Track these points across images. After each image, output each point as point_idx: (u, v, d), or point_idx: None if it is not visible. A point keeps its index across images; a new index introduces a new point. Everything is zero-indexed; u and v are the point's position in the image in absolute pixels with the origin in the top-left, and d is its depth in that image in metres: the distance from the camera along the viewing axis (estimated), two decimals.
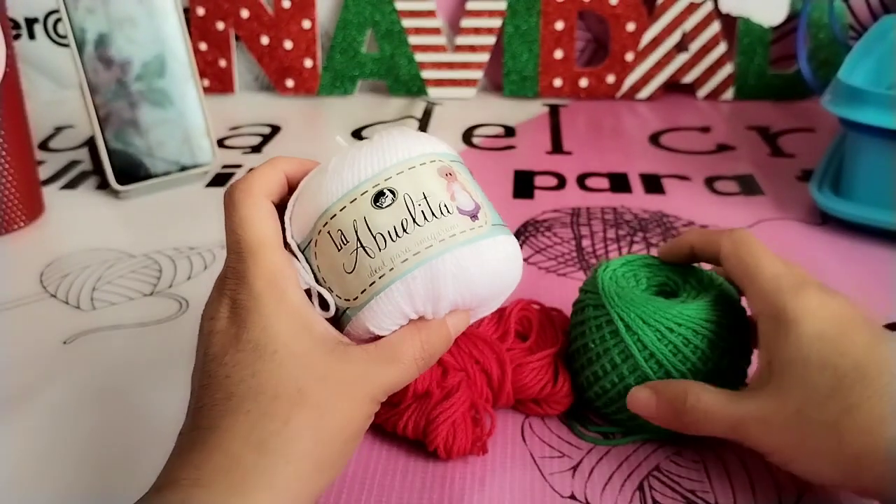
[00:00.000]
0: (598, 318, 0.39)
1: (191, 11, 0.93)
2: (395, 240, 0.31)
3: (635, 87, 0.91)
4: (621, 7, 0.89)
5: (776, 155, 0.75)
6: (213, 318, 0.32)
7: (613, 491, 0.36)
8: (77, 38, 0.65)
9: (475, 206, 0.33)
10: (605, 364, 0.39)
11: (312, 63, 0.94)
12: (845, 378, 0.31)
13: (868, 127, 0.55)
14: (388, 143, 0.33)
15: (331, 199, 0.32)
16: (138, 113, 0.68)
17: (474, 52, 0.92)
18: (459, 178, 0.33)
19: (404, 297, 0.32)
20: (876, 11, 0.87)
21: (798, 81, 0.87)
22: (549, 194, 0.68)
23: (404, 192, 0.32)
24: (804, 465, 0.33)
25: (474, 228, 0.32)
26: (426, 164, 0.33)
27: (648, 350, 0.37)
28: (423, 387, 0.38)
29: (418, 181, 0.32)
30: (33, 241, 0.62)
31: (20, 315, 0.52)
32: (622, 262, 0.42)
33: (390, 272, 0.31)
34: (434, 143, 0.34)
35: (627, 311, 0.38)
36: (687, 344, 0.37)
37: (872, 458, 0.30)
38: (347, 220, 0.32)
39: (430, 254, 0.31)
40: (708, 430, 0.35)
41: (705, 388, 0.35)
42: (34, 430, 0.42)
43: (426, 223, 0.31)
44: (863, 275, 0.54)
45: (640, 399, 0.37)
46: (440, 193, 0.32)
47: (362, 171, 0.32)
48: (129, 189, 0.68)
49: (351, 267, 0.31)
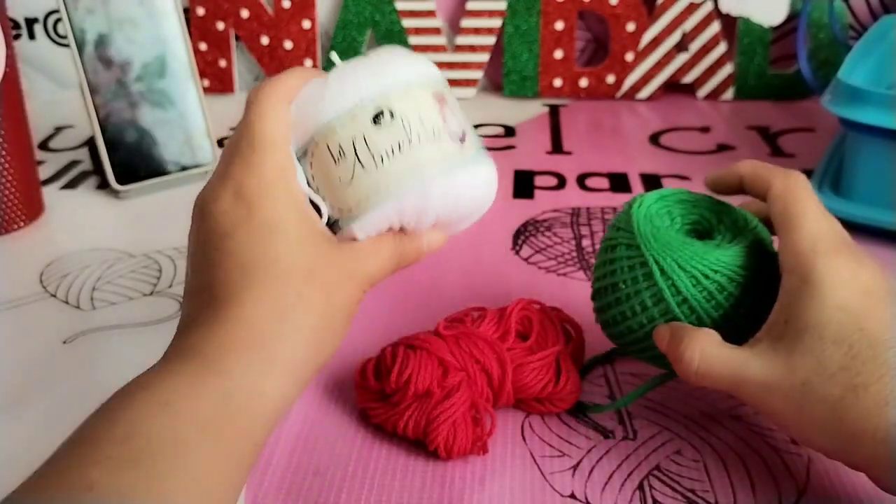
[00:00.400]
0: (631, 258, 0.37)
1: (191, 11, 0.93)
2: (391, 159, 0.33)
3: (635, 86, 0.91)
4: (621, 7, 0.89)
5: (776, 155, 0.75)
6: (216, 200, 0.33)
7: (613, 490, 0.36)
8: (77, 39, 0.65)
9: (463, 130, 0.35)
10: (634, 305, 0.37)
11: (313, 63, 0.94)
12: (858, 356, 0.31)
13: (868, 127, 0.55)
14: (388, 61, 0.34)
15: (330, 114, 0.33)
16: (138, 113, 0.68)
17: (474, 52, 0.92)
18: (449, 103, 0.35)
19: (395, 212, 0.34)
20: (876, 11, 0.88)
21: (798, 81, 0.87)
22: (549, 194, 0.68)
23: (402, 112, 0.33)
24: (799, 431, 0.33)
25: (462, 152, 0.35)
26: (423, 86, 0.34)
27: (682, 295, 0.36)
28: (424, 386, 0.38)
29: (415, 104, 0.34)
30: (33, 241, 0.62)
31: (20, 315, 0.52)
32: (656, 197, 0.40)
33: (385, 190, 0.33)
34: (428, 66, 0.36)
35: (663, 254, 0.36)
36: (721, 291, 0.36)
37: (870, 438, 0.30)
38: (346, 136, 0.33)
39: (424, 175, 0.33)
40: (708, 384, 0.35)
41: (711, 339, 0.34)
42: (34, 429, 0.42)
43: (420, 145, 0.33)
44: None
45: (658, 336, 0.36)
46: (434, 117, 0.34)
47: (362, 89, 0.33)
48: (129, 189, 0.68)
49: (347, 181, 0.33)
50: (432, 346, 0.39)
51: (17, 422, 0.42)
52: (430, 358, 0.39)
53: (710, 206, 0.40)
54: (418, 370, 0.38)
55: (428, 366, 0.38)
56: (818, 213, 0.35)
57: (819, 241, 0.34)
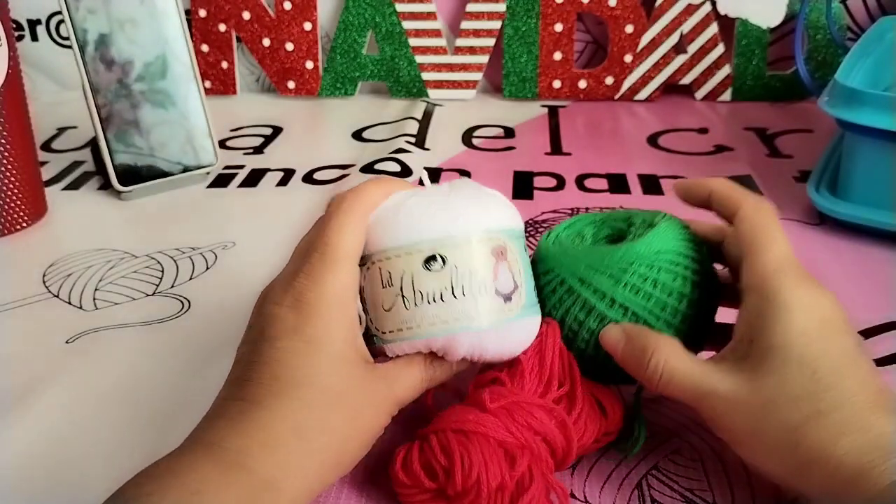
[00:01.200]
0: (550, 283, 0.38)
1: (192, 13, 0.93)
2: (430, 303, 0.35)
3: (634, 88, 0.91)
4: (620, 9, 0.89)
5: (774, 156, 0.76)
6: (277, 303, 0.34)
7: (612, 489, 0.37)
8: (79, 39, 0.65)
9: (513, 287, 0.36)
10: (571, 325, 0.37)
11: (313, 64, 0.94)
12: (821, 381, 0.31)
13: (865, 128, 0.55)
14: (457, 207, 0.35)
15: (391, 244, 0.35)
16: (140, 113, 0.68)
17: (474, 53, 0.92)
18: (509, 257, 0.36)
19: (424, 348, 0.36)
20: (873, 13, 0.88)
21: (796, 83, 0.88)
22: (548, 195, 0.68)
23: (453, 262, 0.35)
24: (754, 454, 0.33)
25: (503, 311, 0.35)
26: (483, 240, 0.35)
27: (609, 297, 0.36)
28: (496, 482, 0.33)
29: (469, 257, 0.35)
30: (36, 242, 0.62)
31: (23, 315, 0.52)
32: (565, 225, 0.40)
33: (418, 329, 0.35)
34: (500, 214, 0.37)
35: (576, 266, 0.37)
36: (644, 280, 0.36)
37: (823, 467, 0.30)
38: (398, 268, 0.35)
39: (456, 327, 0.35)
40: (669, 394, 0.35)
41: (676, 350, 0.34)
42: (36, 429, 0.42)
43: (463, 298, 0.35)
44: (860, 275, 0.54)
45: (611, 339, 0.36)
46: (484, 273, 0.35)
47: (424, 230, 0.35)
48: (132, 190, 0.68)
49: (388, 307, 0.35)
50: (487, 427, 0.34)
51: (18, 421, 0.42)
52: (488, 444, 0.34)
53: (620, 217, 0.40)
54: (485, 465, 0.33)
55: (493, 456, 0.34)
56: (785, 240, 0.35)
57: (786, 265, 0.34)
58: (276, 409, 0.31)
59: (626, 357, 0.36)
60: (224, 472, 0.29)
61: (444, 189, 0.37)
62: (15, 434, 0.41)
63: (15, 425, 0.42)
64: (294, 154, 0.79)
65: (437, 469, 0.34)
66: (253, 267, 0.57)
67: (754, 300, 0.34)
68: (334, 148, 0.81)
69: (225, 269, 0.57)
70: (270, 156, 0.79)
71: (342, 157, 0.77)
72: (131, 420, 0.42)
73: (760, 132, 0.82)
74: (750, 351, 0.33)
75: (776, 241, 0.35)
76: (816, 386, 0.31)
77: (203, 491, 0.28)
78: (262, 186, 0.71)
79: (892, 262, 0.55)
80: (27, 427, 0.42)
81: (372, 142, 0.82)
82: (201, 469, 0.29)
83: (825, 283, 0.35)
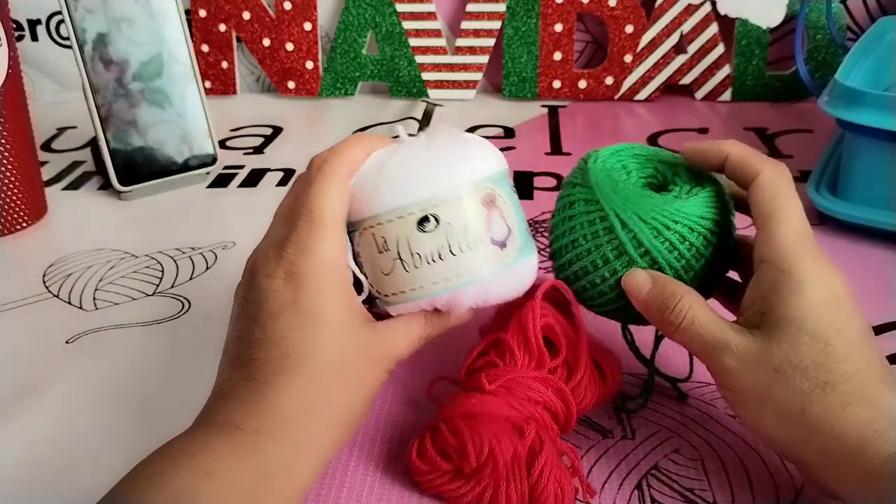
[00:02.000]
0: (590, 213, 0.37)
1: (192, 13, 0.93)
2: (429, 263, 0.35)
3: (634, 88, 0.91)
4: (620, 9, 0.89)
5: (774, 156, 0.75)
6: (269, 276, 0.34)
7: (612, 489, 0.37)
8: (78, 39, 0.65)
9: (507, 232, 0.36)
10: (596, 259, 0.37)
11: (313, 65, 0.94)
12: (832, 354, 0.32)
13: (865, 128, 0.55)
14: (441, 160, 0.35)
15: (380, 209, 0.35)
16: (137, 113, 0.68)
17: (474, 53, 0.92)
18: (499, 204, 0.36)
19: (428, 305, 0.36)
20: (873, 13, 0.88)
21: (795, 83, 0.88)
22: (548, 195, 0.68)
23: (446, 220, 0.35)
24: (757, 416, 0.34)
25: (501, 258, 0.36)
26: (472, 193, 0.35)
27: (644, 247, 0.36)
28: (509, 453, 0.34)
29: (461, 212, 0.35)
30: (36, 242, 0.62)
31: (23, 315, 0.52)
32: (611, 152, 0.40)
33: (420, 289, 0.35)
34: (484, 161, 0.36)
35: (624, 207, 0.37)
36: (682, 241, 0.36)
37: (827, 434, 0.31)
38: (391, 233, 0.35)
39: (458, 282, 0.35)
40: (684, 341, 0.35)
41: (700, 301, 0.35)
42: (36, 428, 0.42)
43: (461, 254, 0.35)
44: (860, 275, 0.54)
45: (636, 282, 0.36)
46: (478, 225, 0.35)
47: (413, 192, 0.35)
48: (132, 190, 0.68)
49: (387, 271, 0.35)
50: (490, 407, 0.36)
51: (19, 421, 0.42)
52: (495, 421, 0.35)
53: (664, 159, 0.40)
54: (496, 438, 0.34)
55: (501, 430, 0.35)
56: (801, 212, 0.35)
57: (802, 239, 0.34)
58: (286, 389, 0.32)
59: (651, 299, 0.36)
60: (237, 453, 0.30)
61: (422, 142, 0.36)
62: (15, 434, 0.41)
63: (15, 425, 0.42)
64: (294, 154, 0.79)
65: (451, 451, 0.35)
66: None
67: (770, 272, 0.34)
68: None
69: (225, 269, 0.57)
70: (270, 156, 0.79)
71: None
72: (131, 420, 0.42)
73: (760, 132, 0.82)
74: (763, 321, 0.33)
75: (793, 212, 0.35)
76: (827, 359, 0.32)
77: (216, 471, 0.29)
78: (262, 186, 0.71)
79: (892, 262, 0.56)
80: (27, 427, 0.42)
81: None
82: (214, 450, 0.30)
83: None
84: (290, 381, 0.32)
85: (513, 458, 0.34)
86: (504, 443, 0.34)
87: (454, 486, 0.35)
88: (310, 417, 0.32)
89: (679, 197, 0.37)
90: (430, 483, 0.36)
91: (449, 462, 0.35)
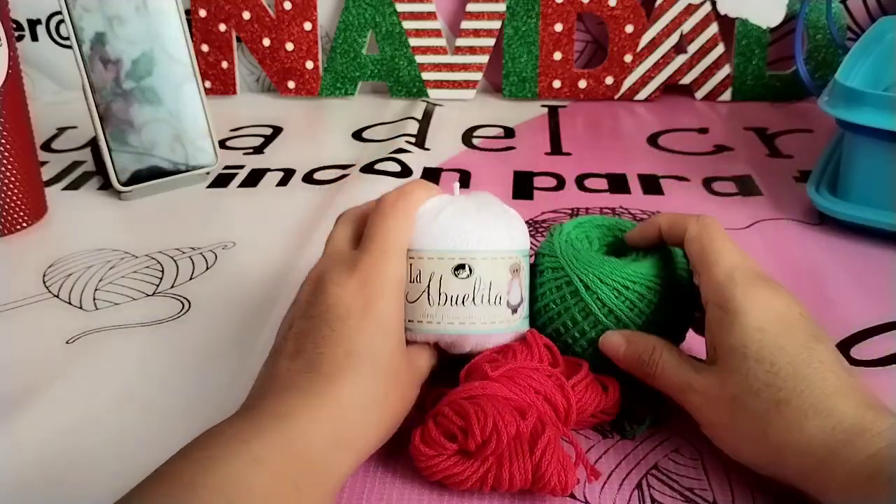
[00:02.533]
0: (557, 279, 0.41)
1: (192, 13, 0.93)
2: (452, 305, 0.39)
3: (634, 88, 0.91)
4: (620, 9, 0.89)
5: (774, 156, 0.76)
6: (341, 285, 0.37)
7: (612, 489, 0.37)
8: (78, 38, 0.65)
9: (520, 300, 0.41)
10: (566, 321, 0.41)
11: (313, 65, 0.94)
12: (780, 372, 0.34)
13: (865, 128, 0.55)
14: (488, 223, 0.40)
15: (426, 245, 0.39)
16: (131, 111, 0.68)
17: (474, 53, 0.92)
18: (521, 275, 0.41)
19: (434, 339, 0.40)
20: (873, 13, 0.88)
21: (795, 83, 0.88)
22: (548, 195, 0.68)
23: (479, 273, 0.39)
24: (732, 444, 0.36)
25: (510, 321, 0.40)
26: (505, 258, 0.40)
27: (607, 307, 0.40)
28: (513, 430, 0.35)
29: (492, 270, 0.40)
30: (36, 242, 0.62)
31: (23, 315, 0.52)
32: (574, 224, 0.44)
33: (436, 324, 0.39)
34: (518, 236, 0.41)
35: (586, 272, 0.40)
36: (641, 299, 0.40)
37: (793, 451, 0.33)
38: (427, 268, 0.39)
39: (470, 328, 0.39)
40: (660, 387, 0.39)
41: (669, 348, 0.39)
42: (36, 429, 0.42)
43: (480, 305, 0.39)
44: (860, 275, 0.54)
45: (612, 343, 0.40)
46: (502, 286, 0.40)
47: (459, 240, 0.39)
48: (132, 190, 0.68)
49: (413, 299, 0.39)
50: (494, 389, 0.37)
51: (19, 422, 0.42)
52: (498, 402, 0.37)
53: (623, 228, 0.44)
54: (500, 415, 0.35)
55: (505, 409, 0.36)
56: (733, 250, 0.38)
57: (735, 273, 0.37)
58: (346, 385, 0.34)
59: (629, 356, 0.40)
60: (289, 444, 0.31)
61: (474, 202, 0.41)
62: (15, 434, 0.41)
63: (15, 425, 0.42)
64: (294, 154, 0.79)
65: (455, 431, 0.36)
66: (253, 267, 0.57)
67: (712, 311, 0.37)
68: (334, 148, 0.81)
69: (225, 269, 0.57)
70: (270, 156, 0.79)
71: (342, 157, 0.77)
72: (131, 420, 0.42)
73: (760, 132, 0.82)
74: (715, 356, 0.36)
75: (722, 253, 0.38)
76: (775, 378, 0.34)
77: (267, 459, 0.30)
78: (262, 186, 0.71)
79: (892, 262, 0.56)
80: (27, 427, 0.42)
81: (372, 142, 0.82)
82: (266, 438, 0.31)
83: (825, 283, 0.36)
84: (351, 378, 0.34)
85: (516, 436, 0.36)
86: (507, 419, 0.36)
87: (459, 469, 0.36)
88: (364, 414, 0.34)
89: (636, 259, 0.42)
90: (434, 468, 0.36)
91: (453, 442, 0.36)
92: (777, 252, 0.57)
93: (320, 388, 0.34)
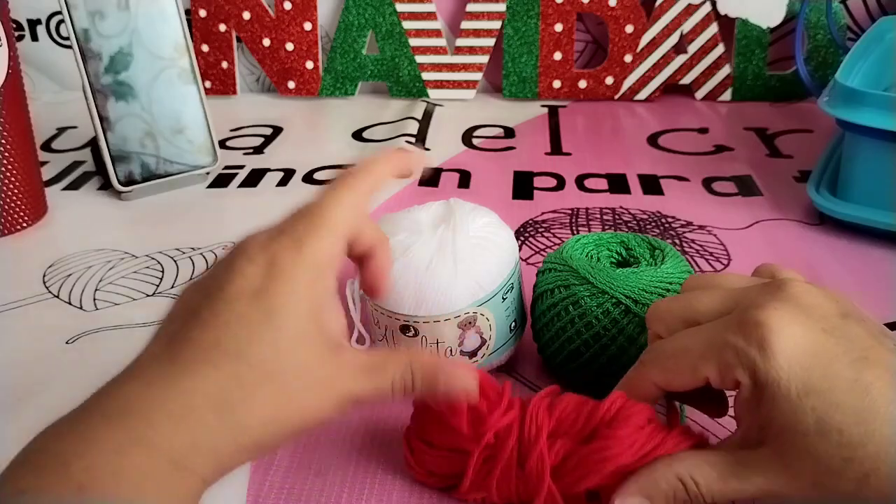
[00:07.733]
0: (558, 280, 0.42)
1: (192, 13, 0.93)
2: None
3: (634, 88, 0.91)
4: (620, 9, 0.89)
5: (774, 156, 0.76)
6: (250, 260, 0.31)
7: None
8: (78, 38, 0.65)
9: (479, 343, 0.42)
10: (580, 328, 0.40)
11: (313, 65, 0.94)
12: (851, 442, 0.29)
13: (865, 128, 0.55)
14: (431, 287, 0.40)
15: (380, 301, 0.41)
16: (107, 106, 0.67)
17: (474, 53, 0.92)
18: (478, 322, 0.41)
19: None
20: (873, 13, 0.88)
21: (796, 83, 0.88)
22: (548, 195, 0.68)
23: (423, 334, 0.41)
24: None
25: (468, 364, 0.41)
26: (450, 319, 0.41)
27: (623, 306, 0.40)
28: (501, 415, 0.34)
29: (438, 331, 0.41)
30: (36, 242, 0.62)
31: (23, 315, 0.52)
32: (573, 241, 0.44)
33: None
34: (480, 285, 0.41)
35: (598, 278, 0.40)
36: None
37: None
38: (382, 320, 0.42)
39: None
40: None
41: (697, 464, 0.31)
42: (36, 429, 0.42)
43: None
44: (860, 275, 0.54)
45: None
46: (452, 341, 0.41)
47: (401, 304, 0.41)
48: (132, 190, 0.68)
49: (377, 338, 0.43)
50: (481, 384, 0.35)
51: (18, 422, 0.42)
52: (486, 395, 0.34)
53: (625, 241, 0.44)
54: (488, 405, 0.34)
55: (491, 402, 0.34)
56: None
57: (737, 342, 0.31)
58: (203, 380, 0.28)
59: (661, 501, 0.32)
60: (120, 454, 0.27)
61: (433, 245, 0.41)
62: (15, 434, 0.41)
63: (15, 425, 0.42)
64: (294, 154, 0.79)
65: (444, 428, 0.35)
66: None
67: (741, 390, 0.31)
68: (334, 148, 0.81)
69: None
70: (270, 156, 0.79)
71: (342, 157, 0.77)
72: None
73: (760, 132, 0.82)
74: (764, 437, 0.30)
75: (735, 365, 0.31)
76: (854, 453, 0.29)
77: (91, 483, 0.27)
78: (262, 186, 0.71)
79: (892, 262, 0.56)
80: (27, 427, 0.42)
81: (372, 142, 0.82)
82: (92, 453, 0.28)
83: (825, 283, 0.35)
84: (210, 373, 0.28)
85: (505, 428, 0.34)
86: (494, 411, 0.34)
87: (448, 464, 0.35)
88: (219, 417, 0.28)
89: (652, 265, 0.42)
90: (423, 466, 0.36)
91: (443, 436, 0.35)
92: (777, 252, 0.57)
93: (169, 381, 0.28)
